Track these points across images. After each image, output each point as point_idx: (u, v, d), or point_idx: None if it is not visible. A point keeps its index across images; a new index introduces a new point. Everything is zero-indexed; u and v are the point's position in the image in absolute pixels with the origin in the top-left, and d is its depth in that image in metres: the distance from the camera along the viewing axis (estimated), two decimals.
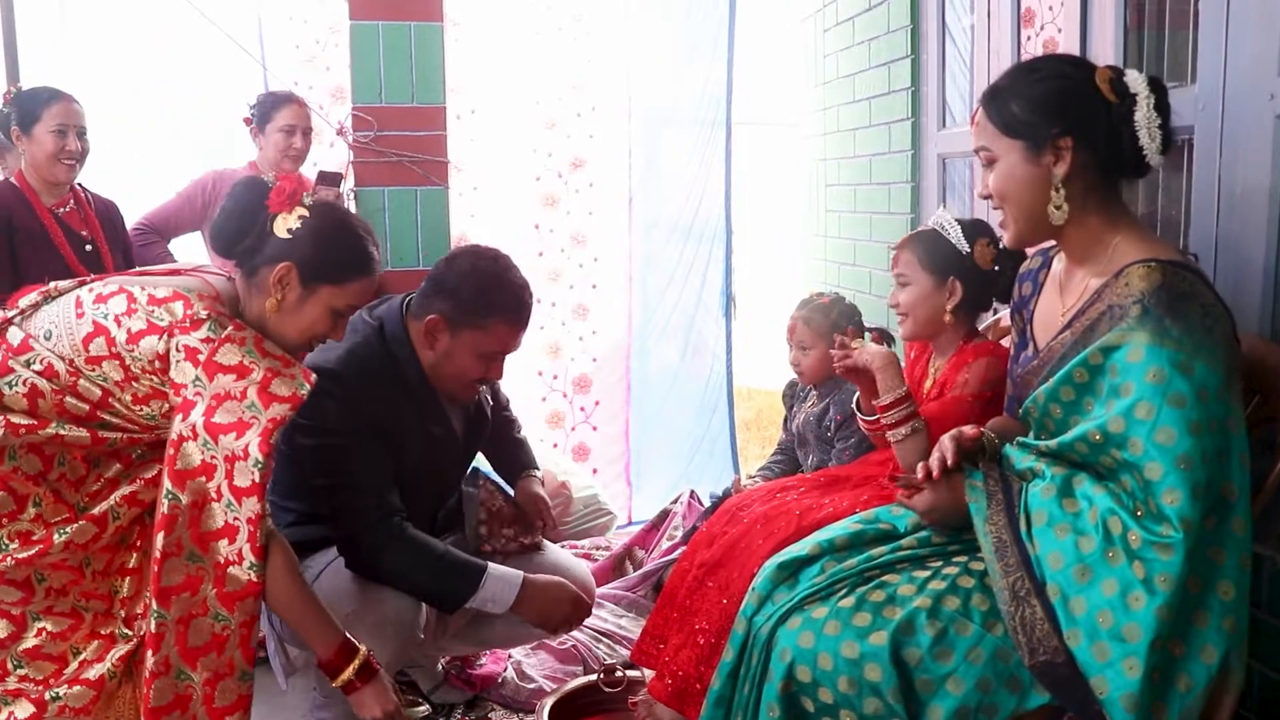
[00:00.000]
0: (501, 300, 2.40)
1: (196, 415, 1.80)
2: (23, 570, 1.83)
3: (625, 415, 4.74)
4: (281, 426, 1.85)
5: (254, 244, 1.96)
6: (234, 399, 1.81)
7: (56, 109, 3.10)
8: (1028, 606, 1.61)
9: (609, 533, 4.25)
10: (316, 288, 1.97)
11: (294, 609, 1.96)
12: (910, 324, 2.38)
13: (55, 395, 1.85)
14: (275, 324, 1.97)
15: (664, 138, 4.72)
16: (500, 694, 2.91)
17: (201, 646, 1.83)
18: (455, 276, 2.40)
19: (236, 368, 1.83)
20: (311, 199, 1.99)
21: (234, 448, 1.80)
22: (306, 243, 1.94)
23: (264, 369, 1.85)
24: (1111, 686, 1.52)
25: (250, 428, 1.81)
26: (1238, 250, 2.04)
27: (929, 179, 3.58)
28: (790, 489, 2.40)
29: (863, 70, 4.04)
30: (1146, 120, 1.67)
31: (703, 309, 4.79)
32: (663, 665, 2.24)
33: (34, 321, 1.91)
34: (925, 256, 2.34)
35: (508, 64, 4.46)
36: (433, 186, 3.59)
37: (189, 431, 1.81)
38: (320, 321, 2.00)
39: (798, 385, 3.16)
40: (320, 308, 1.98)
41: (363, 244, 2.03)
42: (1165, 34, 2.34)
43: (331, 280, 1.98)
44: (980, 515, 1.69)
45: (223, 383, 1.82)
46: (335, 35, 4.23)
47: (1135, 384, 1.56)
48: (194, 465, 1.81)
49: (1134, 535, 1.54)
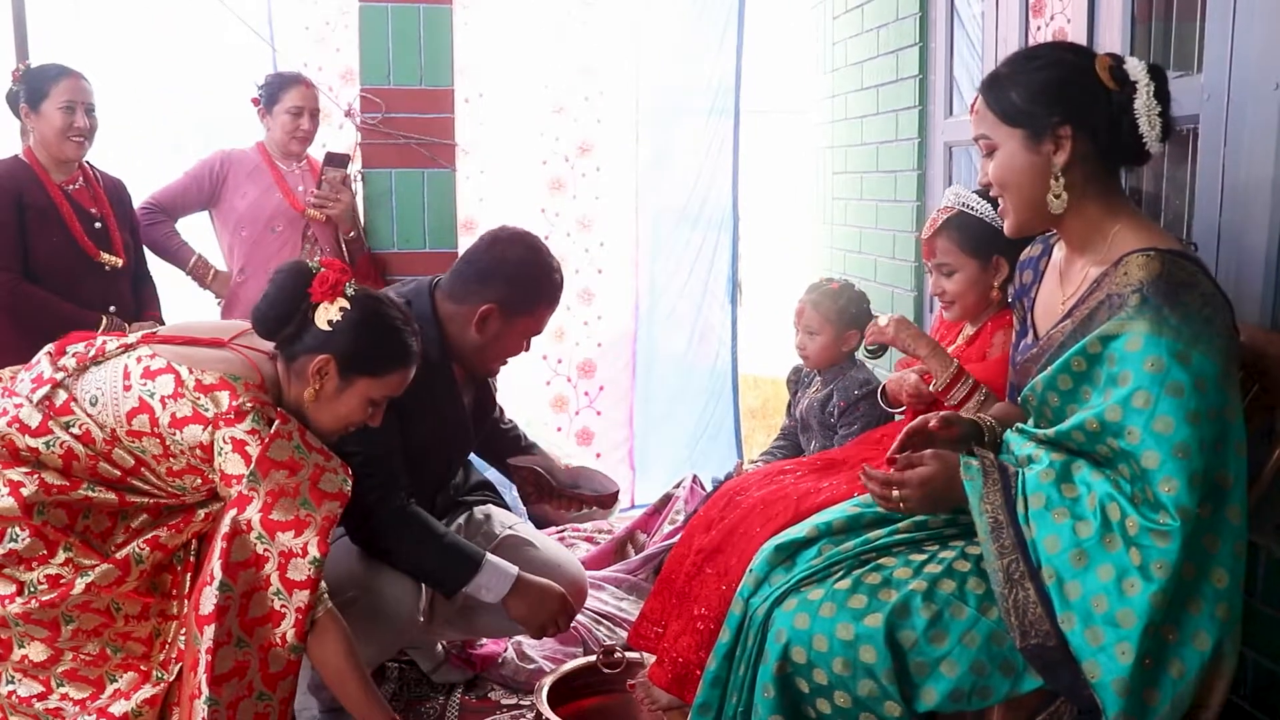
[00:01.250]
0: (550, 288, 2.50)
1: (253, 511, 1.86)
2: (49, 612, 1.87)
3: (630, 400, 4.75)
4: (334, 524, 1.92)
5: (295, 332, 2.00)
6: (288, 495, 1.87)
7: (65, 85, 3.11)
8: (1021, 589, 1.62)
9: (611, 516, 4.26)
10: (354, 379, 2.01)
11: (345, 689, 2.00)
12: (959, 309, 2.36)
13: (90, 460, 1.91)
14: (313, 412, 2.01)
15: (672, 124, 4.72)
16: (500, 674, 2.93)
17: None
18: (511, 266, 2.45)
19: (288, 463, 1.89)
20: (353, 289, 2.02)
21: (292, 545, 1.87)
22: (346, 335, 1.98)
23: (312, 465, 1.92)
24: (1103, 671, 1.52)
25: (308, 527, 1.88)
26: (1240, 240, 2.04)
27: (935, 167, 3.57)
28: (788, 473, 2.41)
29: (871, 58, 4.03)
30: (1146, 108, 1.66)
31: (709, 295, 4.79)
32: (662, 651, 2.25)
33: (81, 384, 1.95)
34: (965, 240, 2.31)
35: (516, 47, 4.45)
36: (440, 169, 3.59)
37: (245, 526, 1.86)
38: (357, 412, 2.04)
39: (803, 370, 3.17)
40: (357, 399, 2.03)
41: (400, 337, 2.06)
42: (1172, 24, 2.34)
43: (370, 373, 2.02)
44: (976, 494, 1.69)
45: (276, 479, 1.88)
46: (345, 16, 4.23)
47: (1133, 373, 1.56)
48: (248, 557, 1.86)
49: (1131, 521, 1.55)
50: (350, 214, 3.44)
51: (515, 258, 2.46)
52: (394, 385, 2.07)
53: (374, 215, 3.59)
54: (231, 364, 1.98)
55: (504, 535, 2.71)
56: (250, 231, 3.43)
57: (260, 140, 3.65)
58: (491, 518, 2.77)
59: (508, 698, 2.84)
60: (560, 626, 2.47)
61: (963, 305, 2.35)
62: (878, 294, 3.74)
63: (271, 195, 3.46)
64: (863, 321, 2.97)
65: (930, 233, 2.37)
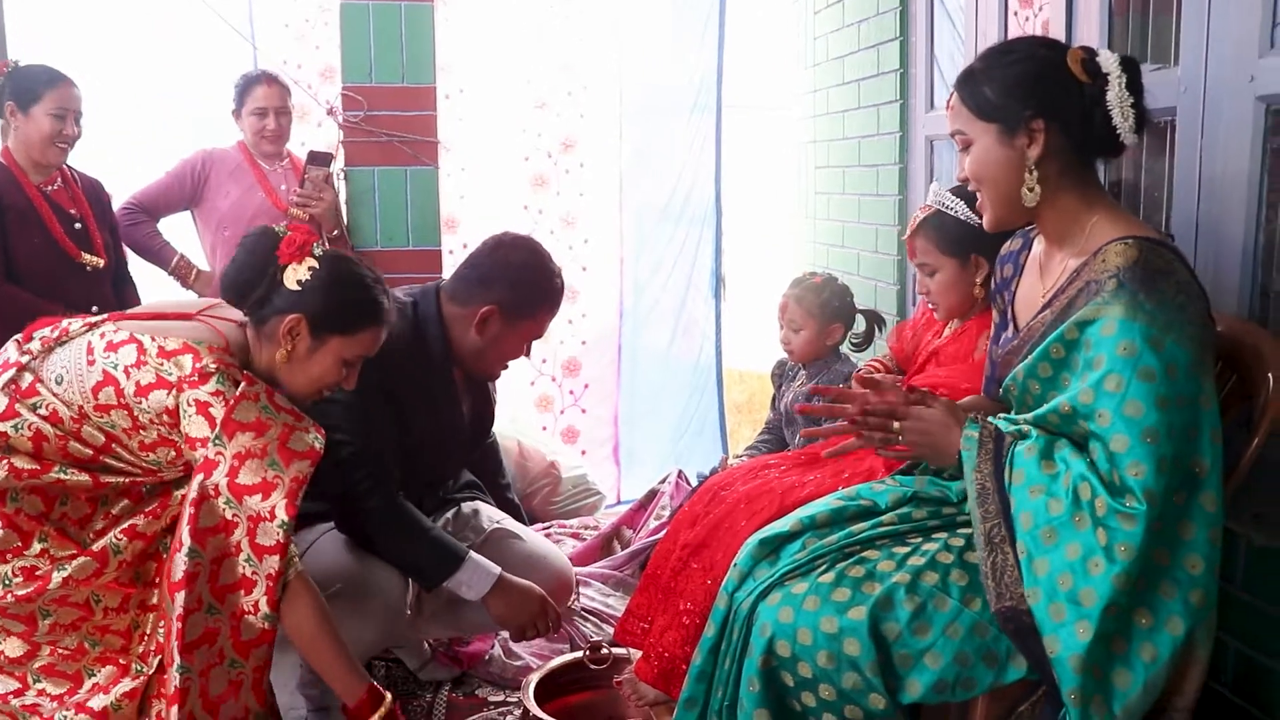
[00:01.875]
0: (551, 292, 2.53)
1: (220, 475, 1.84)
2: (25, 607, 1.86)
3: (615, 398, 4.75)
4: (304, 485, 1.88)
5: (264, 295, 1.98)
6: (255, 457, 1.85)
7: (58, 93, 3.07)
8: (1000, 553, 1.64)
9: (597, 512, 4.27)
10: (326, 338, 2.00)
11: (319, 655, 1.98)
12: (943, 308, 2.37)
13: (59, 440, 1.89)
14: (285, 375, 2.00)
15: (655, 120, 4.72)
16: (487, 671, 2.93)
17: (220, 695, 1.86)
18: (513, 270, 2.48)
19: (254, 425, 1.87)
20: (321, 249, 2.00)
21: (260, 509, 1.84)
22: (316, 294, 1.97)
23: (280, 425, 1.89)
24: (1062, 646, 1.54)
25: (275, 488, 1.85)
26: (1218, 231, 2.06)
27: (917, 161, 3.59)
28: (772, 467, 2.42)
29: (852, 52, 4.04)
30: (1119, 99, 1.67)
31: (693, 291, 4.80)
32: (648, 646, 2.26)
33: (46, 365, 1.94)
34: (941, 240, 2.32)
35: (497, 42, 4.44)
36: (423, 167, 3.59)
37: (212, 490, 1.84)
38: (330, 372, 2.03)
39: (787, 364, 3.18)
40: (330, 358, 2.01)
41: (371, 294, 2.05)
42: (1149, 17, 2.35)
43: (341, 331, 2.01)
44: (970, 464, 1.71)
45: (242, 441, 1.85)
46: (325, 13, 4.22)
47: (1106, 356, 1.58)
48: (216, 523, 1.84)
49: (1100, 502, 1.56)
50: (333, 212, 3.43)
51: (518, 261, 2.50)
52: (366, 343, 2.05)
53: (357, 213, 3.58)
54: (197, 330, 1.97)
55: (491, 529, 2.72)
56: (233, 231, 3.41)
57: (241, 140, 3.64)
58: (479, 513, 2.78)
59: (495, 695, 2.85)
60: (540, 630, 2.48)
61: (946, 304, 2.36)
62: (861, 288, 3.75)
63: (254, 194, 3.45)
64: (846, 315, 2.98)
65: (910, 233, 2.39)
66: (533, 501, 4.18)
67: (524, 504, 4.16)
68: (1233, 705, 1.97)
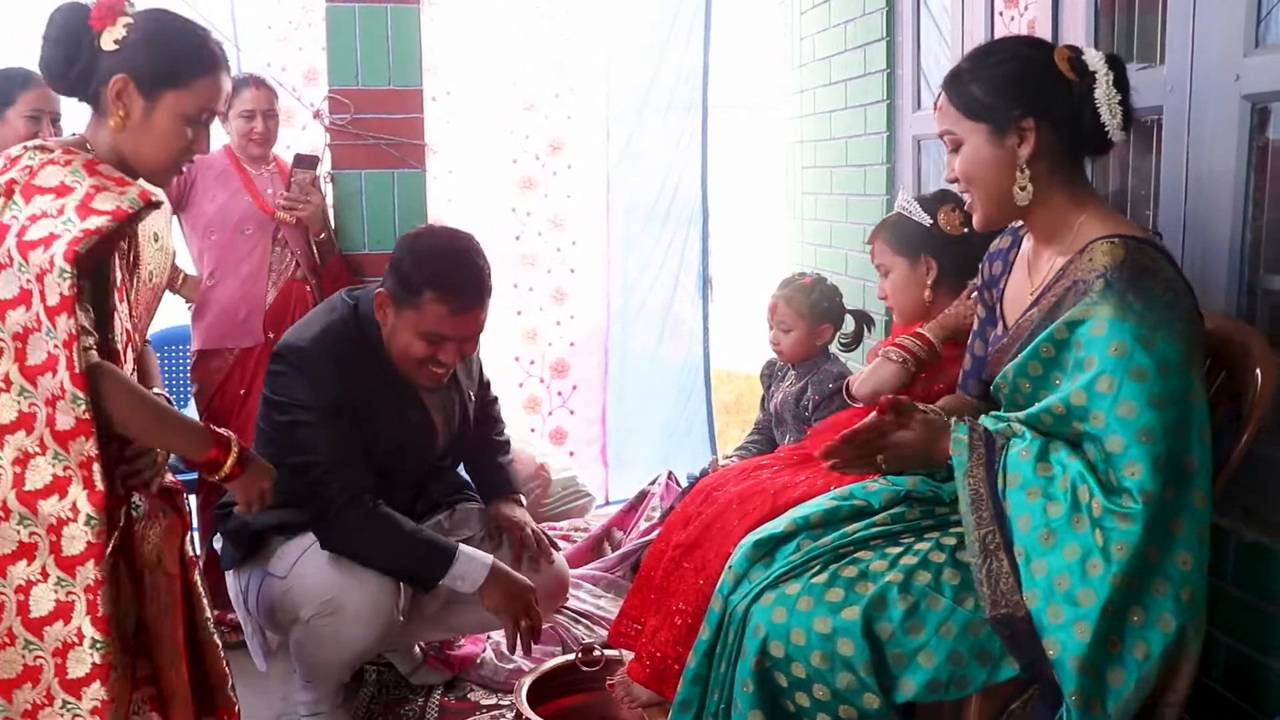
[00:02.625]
0: (438, 279, 2.34)
1: (10, 238, 1.68)
2: None
3: (603, 399, 4.75)
4: (97, 238, 1.68)
5: (86, 68, 1.82)
6: (49, 216, 1.69)
7: (32, 95, 3.05)
8: (995, 560, 1.64)
9: (587, 514, 4.27)
10: (159, 95, 1.82)
11: (147, 428, 1.82)
12: (898, 312, 2.40)
13: None
14: (128, 145, 1.84)
15: (642, 121, 4.72)
16: (479, 674, 2.93)
17: (42, 489, 1.71)
18: (401, 252, 2.41)
19: (56, 188, 1.72)
20: (133, 9, 1.84)
21: (41, 262, 1.66)
22: (138, 49, 1.80)
23: (89, 186, 1.72)
24: (1061, 648, 1.55)
25: (59, 239, 1.67)
26: (1205, 229, 2.07)
27: (904, 161, 3.59)
28: (764, 467, 2.42)
29: (839, 52, 4.05)
30: (1107, 97, 1.68)
31: (680, 292, 4.80)
32: (640, 647, 2.26)
33: None
34: (895, 240, 2.36)
35: (484, 43, 4.43)
36: (410, 169, 3.58)
37: (5, 258, 1.69)
38: (174, 134, 1.84)
39: (776, 364, 3.18)
40: (169, 116, 1.83)
41: (195, 39, 1.86)
42: (1135, 17, 2.36)
43: (172, 84, 1.82)
44: (961, 469, 1.71)
45: (40, 203, 1.70)
46: (308, 15, 4.20)
47: (1098, 357, 1.59)
48: (13, 294, 1.68)
49: (1096, 503, 1.57)
50: (320, 216, 3.42)
51: (408, 244, 2.43)
52: (204, 95, 1.85)
53: (344, 216, 3.57)
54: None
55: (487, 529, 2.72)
56: (220, 235, 3.40)
57: (227, 143, 3.62)
58: (473, 515, 2.77)
59: (487, 698, 2.84)
60: (532, 619, 2.45)
61: (898, 306, 2.40)
62: (849, 287, 3.75)
63: (240, 198, 3.43)
64: (835, 315, 2.99)
65: (871, 238, 2.44)
66: None
67: None
68: (1224, 700, 1.98)
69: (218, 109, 1.90)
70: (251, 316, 3.37)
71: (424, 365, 2.43)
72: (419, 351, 2.40)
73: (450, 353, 2.42)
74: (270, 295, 3.39)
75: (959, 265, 2.32)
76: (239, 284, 3.37)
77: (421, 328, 2.37)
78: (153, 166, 1.86)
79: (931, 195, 2.38)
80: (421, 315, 2.36)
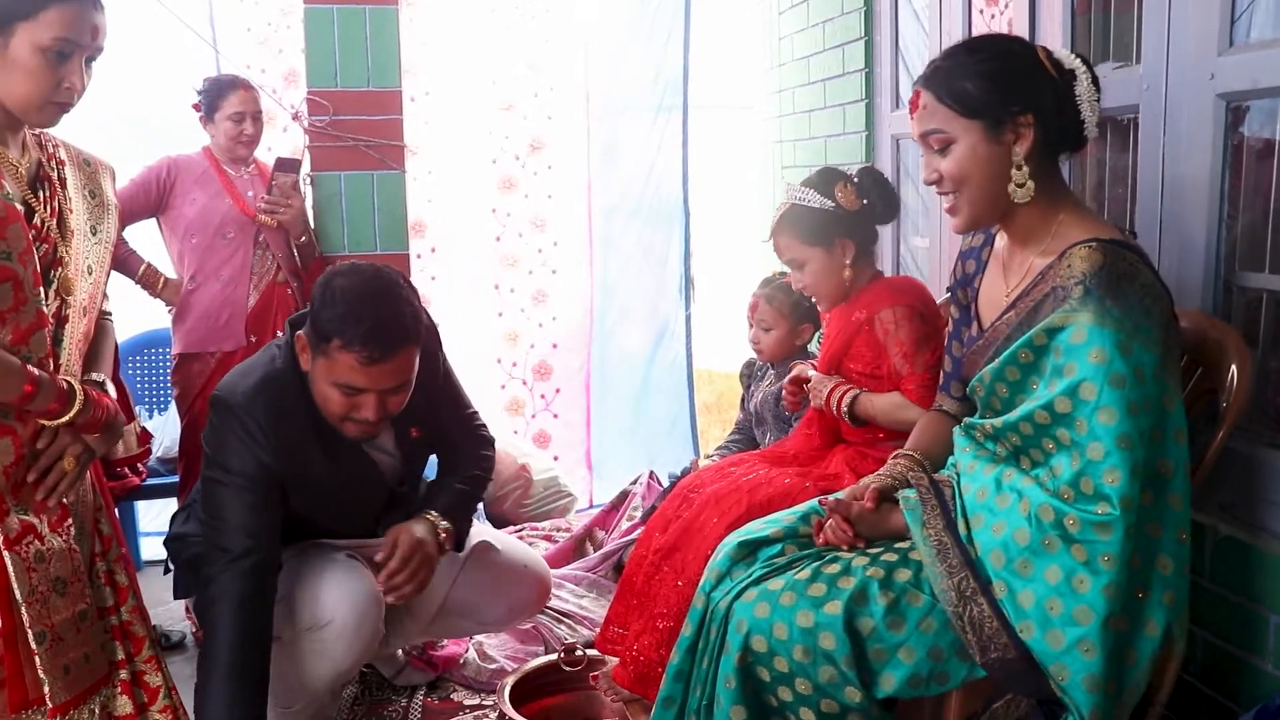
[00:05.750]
0: (346, 325, 2.09)
1: None
2: None
3: (586, 401, 4.75)
4: None
5: None
6: None
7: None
8: (974, 605, 1.63)
9: (569, 514, 4.27)
10: (11, 28, 1.73)
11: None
12: (823, 299, 2.42)
13: None
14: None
15: (622, 120, 4.72)
16: (462, 675, 2.93)
17: None
18: (316, 290, 2.17)
19: None
20: None
21: None
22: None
23: None
24: (1071, 671, 1.54)
25: None
26: (1180, 228, 2.08)
27: (883, 160, 3.61)
28: (740, 464, 2.42)
29: (818, 52, 4.06)
30: (1087, 93, 1.69)
31: (662, 292, 4.81)
32: (624, 652, 2.26)
33: None
34: (803, 233, 2.36)
35: (463, 44, 4.43)
36: (389, 171, 3.58)
37: None
38: (37, 69, 1.75)
39: (756, 364, 3.19)
40: (28, 51, 1.74)
41: None
42: (1111, 16, 2.38)
43: (22, 15, 1.73)
44: (917, 523, 1.73)
45: None
46: (287, 17, 4.19)
47: (1078, 364, 1.59)
48: None
49: (1070, 519, 1.57)
50: (302, 219, 3.41)
51: (323, 284, 2.17)
52: (57, 24, 1.75)
53: (324, 218, 3.57)
54: None
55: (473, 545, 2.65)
56: (201, 238, 3.38)
57: (207, 145, 3.61)
58: None
59: (470, 698, 2.84)
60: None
61: (822, 293, 2.40)
62: None
63: (221, 201, 3.42)
64: (816, 315, 3.00)
65: (771, 234, 2.42)
66: (504, 504, 4.18)
67: (495, 507, 4.16)
68: (1202, 695, 1.99)
69: (82, 41, 1.79)
70: (233, 320, 3.36)
71: (346, 420, 2.21)
72: (336, 405, 2.18)
73: (370, 407, 2.17)
74: (252, 298, 3.38)
75: (866, 240, 2.38)
76: (220, 287, 3.36)
77: (333, 378, 2.14)
78: (24, 105, 1.79)
79: (818, 177, 2.37)
80: (332, 364, 2.13)
